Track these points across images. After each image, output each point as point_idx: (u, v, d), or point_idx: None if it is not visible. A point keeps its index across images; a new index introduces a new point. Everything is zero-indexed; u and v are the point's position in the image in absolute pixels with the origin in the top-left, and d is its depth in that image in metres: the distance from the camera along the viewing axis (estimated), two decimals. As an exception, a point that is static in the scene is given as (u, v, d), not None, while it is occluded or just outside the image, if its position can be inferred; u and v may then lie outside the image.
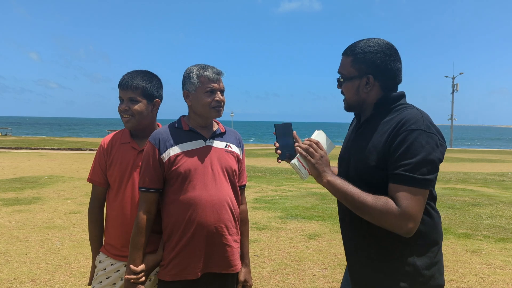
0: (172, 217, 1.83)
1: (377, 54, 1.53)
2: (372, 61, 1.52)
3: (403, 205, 1.34)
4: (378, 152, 1.44)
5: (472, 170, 15.62)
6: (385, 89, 1.56)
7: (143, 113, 2.00)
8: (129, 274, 1.79)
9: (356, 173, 1.52)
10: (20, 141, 29.79)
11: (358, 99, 1.58)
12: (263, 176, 12.50)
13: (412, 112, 1.46)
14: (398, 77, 1.57)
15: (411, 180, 1.35)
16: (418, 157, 1.35)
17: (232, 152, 1.95)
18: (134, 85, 1.98)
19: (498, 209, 7.83)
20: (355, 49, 1.56)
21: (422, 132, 1.37)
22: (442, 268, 1.52)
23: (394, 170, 1.38)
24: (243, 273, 2.00)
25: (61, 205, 7.66)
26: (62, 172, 12.55)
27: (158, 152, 1.83)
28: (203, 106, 1.85)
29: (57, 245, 5.17)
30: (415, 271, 1.45)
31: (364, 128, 1.58)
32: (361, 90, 1.56)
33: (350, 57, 1.57)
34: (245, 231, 2.05)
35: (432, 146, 1.37)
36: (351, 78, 1.57)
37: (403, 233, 1.37)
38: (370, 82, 1.54)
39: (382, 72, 1.53)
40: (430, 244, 1.49)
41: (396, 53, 1.56)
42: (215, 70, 1.87)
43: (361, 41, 1.58)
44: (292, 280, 4.14)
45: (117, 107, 2.04)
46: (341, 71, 1.61)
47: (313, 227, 6.31)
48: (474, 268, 4.53)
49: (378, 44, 1.55)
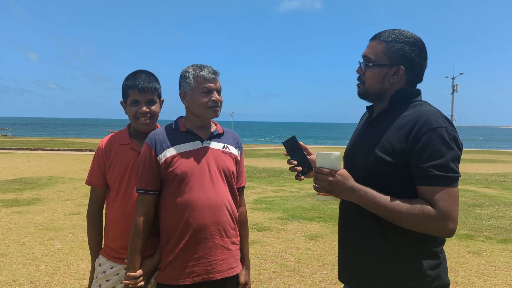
0: (169, 220, 1.81)
1: (413, 47, 1.49)
2: (407, 53, 1.48)
3: (442, 207, 1.31)
4: (394, 147, 1.41)
5: (472, 170, 15.59)
6: (409, 84, 1.53)
7: (158, 114, 2.04)
8: (128, 279, 1.76)
9: (365, 166, 1.48)
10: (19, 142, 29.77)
11: (381, 88, 1.52)
12: (263, 177, 12.48)
13: (429, 109, 1.43)
14: (423, 75, 1.55)
15: (447, 180, 1.33)
16: (448, 156, 1.34)
17: (230, 154, 1.93)
18: (152, 87, 1.99)
19: (499, 210, 7.81)
20: (390, 36, 1.50)
21: (445, 130, 1.36)
22: (446, 266, 1.51)
23: (426, 172, 1.35)
24: (243, 275, 1.98)
25: (61, 206, 7.64)
26: (62, 173, 12.54)
27: (154, 153, 1.81)
28: (199, 106, 1.83)
29: (56, 247, 5.14)
30: (421, 272, 1.43)
31: (378, 121, 1.54)
32: (387, 79, 1.51)
33: (383, 43, 1.51)
34: (245, 233, 2.03)
35: (456, 143, 1.37)
36: (380, 65, 1.50)
37: (446, 235, 1.36)
38: (400, 73, 1.49)
39: (414, 66, 1.50)
40: (436, 243, 1.47)
41: (426, 52, 1.53)
42: (211, 70, 1.86)
43: (395, 30, 1.53)
44: (293, 282, 4.12)
45: (130, 111, 1.98)
46: (370, 55, 1.53)
47: (314, 228, 6.28)
48: (476, 269, 4.50)
49: (414, 37, 1.50)
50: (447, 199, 1.32)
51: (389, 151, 1.41)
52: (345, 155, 1.67)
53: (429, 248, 1.45)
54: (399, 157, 1.40)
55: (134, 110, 1.97)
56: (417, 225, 1.35)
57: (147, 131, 1.98)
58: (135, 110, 1.97)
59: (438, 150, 1.34)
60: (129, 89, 1.99)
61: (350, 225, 1.58)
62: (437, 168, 1.33)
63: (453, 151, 1.35)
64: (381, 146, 1.44)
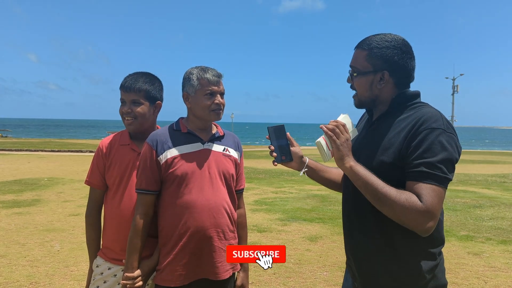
0: (168, 221, 1.81)
1: (395, 50, 1.49)
2: (389, 57, 1.48)
3: (428, 202, 1.30)
4: (394, 148, 1.42)
5: (473, 171, 15.58)
6: (399, 86, 1.53)
7: (145, 116, 2.00)
8: (125, 279, 1.76)
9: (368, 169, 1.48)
10: (20, 143, 29.79)
11: (371, 95, 1.54)
12: (263, 178, 12.47)
13: (430, 111, 1.44)
14: (412, 75, 1.55)
15: (434, 178, 1.33)
16: (439, 156, 1.33)
17: (230, 156, 1.93)
18: (137, 87, 1.97)
19: (499, 211, 7.81)
20: (371, 43, 1.51)
21: (443, 132, 1.36)
22: (444, 267, 1.51)
23: (415, 167, 1.35)
24: (241, 278, 1.98)
25: (61, 208, 7.64)
26: (62, 174, 12.54)
27: (155, 153, 1.81)
28: (202, 109, 1.83)
29: (56, 248, 5.14)
30: (420, 273, 1.43)
31: (378, 124, 1.55)
32: (374, 86, 1.52)
33: (366, 51, 1.52)
34: (244, 235, 2.03)
35: (452, 145, 1.36)
36: (365, 73, 1.52)
37: (421, 231, 1.33)
38: (385, 78, 1.50)
39: (398, 69, 1.50)
40: (435, 244, 1.47)
41: (411, 51, 1.53)
42: (216, 72, 1.86)
43: (377, 35, 1.53)
44: (293, 283, 4.11)
45: (118, 109, 2.02)
46: (355, 65, 1.55)
47: (314, 230, 6.28)
48: (476, 270, 4.50)
49: (395, 40, 1.50)
50: (433, 196, 1.31)
51: (390, 154, 1.42)
52: None
53: (427, 249, 1.45)
54: (400, 158, 1.40)
55: (120, 109, 2.02)
56: (399, 212, 1.32)
57: (136, 132, 2.00)
58: (120, 109, 2.02)
59: (431, 148, 1.34)
60: (120, 88, 2.03)
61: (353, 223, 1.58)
62: (426, 165, 1.33)
63: (446, 152, 1.34)
64: (383, 149, 1.45)
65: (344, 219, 1.65)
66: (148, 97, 2.00)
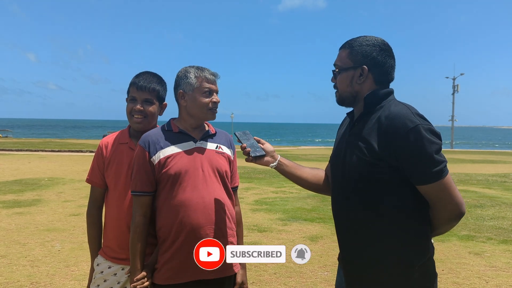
0: (164, 220, 1.81)
1: (374, 47, 1.57)
2: (368, 53, 1.57)
3: (453, 199, 1.43)
4: (375, 148, 1.46)
5: (473, 171, 15.58)
6: (378, 83, 1.59)
7: (154, 115, 2.04)
8: (133, 282, 1.77)
9: (355, 171, 1.52)
10: (20, 143, 29.82)
11: (351, 91, 1.61)
12: (263, 178, 12.48)
13: (401, 109, 1.47)
14: (391, 74, 1.61)
15: (440, 173, 1.40)
16: (430, 151, 1.39)
17: (223, 153, 1.93)
18: (151, 87, 2.00)
19: (500, 210, 7.80)
20: (353, 42, 1.61)
21: (421, 127, 1.40)
22: (433, 260, 1.56)
23: (420, 173, 1.42)
24: (241, 275, 1.97)
25: (61, 207, 7.64)
26: (63, 174, 12.55)
27: (148, 154, 1.82)
28: (200, 107, 1.84)
29: (57, 248, 5.14)
30: (409, 266, 1.47)
31: (357, 126, 1.59)
32: (354, 81, 1.59)
33: (347, 49, 1.61)
34: (240, 233, 2.03)
35: (433, 135, 1.42)
36: (346, 69, 1.60)
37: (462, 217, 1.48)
38: (364, 73, 1.57)
39: (376, 64, 1.57)
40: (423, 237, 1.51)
41: (391, 50, 1.61)
42: (212, 72, 1.88)
43: (359, 36, 1.63)
44: (293, 283, 4.11)
45: (127, 107, 2.03)
46: (337, 62, 1.65)
47: (314, 229, 6.27)
48: (478, 270, 4.49)
49: (375, 39, 1.60)
50: (450, 190, 1.43)
51: (372, 153, 1.46)
52: (333, 164, 1.71)
53: (419, 241, 1.50)
54: (382, 157, 1.45)
55: (130, 107, 2.01)
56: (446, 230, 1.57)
57: (142, 130, 2.00)
58: (131, 107, 2.01)
59: (422, 149, 1.39)
60: (130, 86, 2.03)
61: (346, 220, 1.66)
62: (428, 165, 1.40)
63: (434, 144, 1.40)
64: (365, 150, 1.49)
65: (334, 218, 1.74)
66: (159, 98, 2.04)
